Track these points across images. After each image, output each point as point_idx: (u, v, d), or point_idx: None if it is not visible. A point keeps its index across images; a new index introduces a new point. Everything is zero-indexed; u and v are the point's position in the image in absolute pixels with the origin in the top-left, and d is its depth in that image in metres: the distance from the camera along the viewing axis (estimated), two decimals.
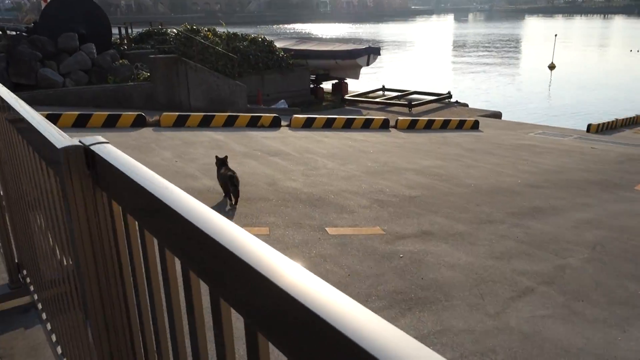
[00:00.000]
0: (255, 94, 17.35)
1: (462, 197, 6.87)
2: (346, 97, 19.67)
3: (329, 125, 11.72)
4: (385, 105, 18.59)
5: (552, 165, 9.44)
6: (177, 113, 10.40)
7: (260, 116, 11.03)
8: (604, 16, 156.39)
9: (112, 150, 1.15)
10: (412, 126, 12.75)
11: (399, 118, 12.87)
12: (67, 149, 1.18)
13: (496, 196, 6.98)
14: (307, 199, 6.24)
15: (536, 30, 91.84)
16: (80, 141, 1.21)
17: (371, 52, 19.78)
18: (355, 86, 22.47)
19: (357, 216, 5.78)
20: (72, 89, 13.48)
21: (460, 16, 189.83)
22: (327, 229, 5.31)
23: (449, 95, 19.29)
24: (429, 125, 12.98)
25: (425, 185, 7.24)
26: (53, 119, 9.17)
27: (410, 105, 17.58)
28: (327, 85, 21.39)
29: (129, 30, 17.16)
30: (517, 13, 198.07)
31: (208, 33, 18.44)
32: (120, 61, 14.91)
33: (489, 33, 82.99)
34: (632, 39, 65.56)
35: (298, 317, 0.54)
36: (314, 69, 20.26)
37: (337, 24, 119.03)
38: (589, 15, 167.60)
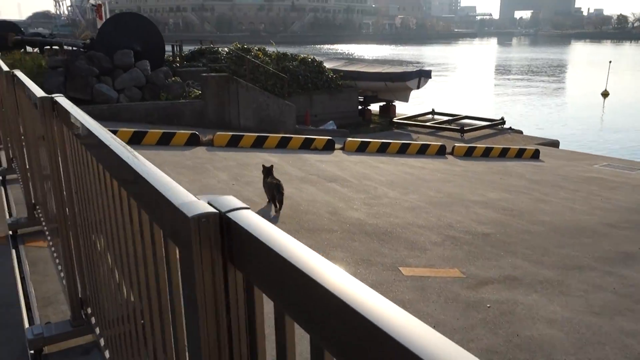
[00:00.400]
0: (303, 114, 17.16)
1: (540, 236, 6.32)
2: (395, 120, 19.25)
3: (383, 149, 11.32)
4: (435, 130, 18.08)
5: (628, 202, 8.75)
6: (231, 133, 10.21)
7: (314, 138, 10.73)
8: None
9: (253, 219, 0.88)
10: (469, 153, 12.21)
11: (456, 145, 12.37)
12: (199, 218, 0.90)
13: (577, 237, 6.40)
14: (373, 231, 5.82)
15: (584, 56, 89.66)
16: (210, 203, 0.94)
17: (422, 75, 19.36)
18: (403, 109, 22.05)
19: (430, 254, 5.32)
20: (126, 104, 13.54)
21: (504, 40, 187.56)
22: (400, 268, 4.87)
23: (503, 121, 18.63)
24: (486, 153, 12.41)
25: (496, 221, 6.72)
26: None
27: (462, 130, 17.02)
28: (374, 107, 21.06)
29: (181, 48, 17.30)
30: (562, 38, 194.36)
31: (259, 52, 18.44)
32: (173, 78, 14.97)
33: (536, 58, 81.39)
34: None
35: None
36: (362, 90, 19.98)
37: (379, 46, 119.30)
38: (639, 41, 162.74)
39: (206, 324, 0.95)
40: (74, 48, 16.67)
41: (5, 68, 4.72)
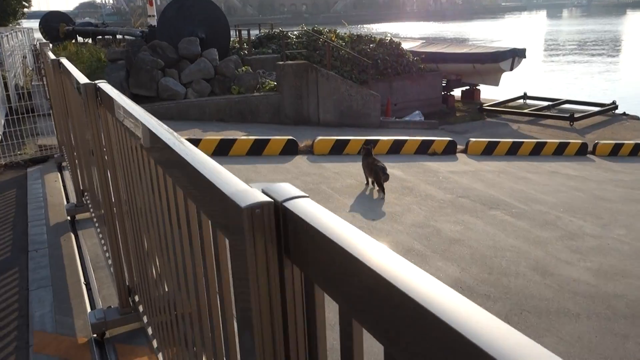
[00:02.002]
0: (383, 104, 15.14)
1: None
2: (484, 106, 16.95)
3: (514, 151, 9.22)
4: (536, 118, 15.71)
5: None
6: (334, 138, 8.33)
7: (432, 140, 8.74)
8: None
9: (313, 209, 0.77)
10: (615, 151, 9.88)
11: (600, 142, 10.09)
12: (253, 208, 0.81)
13: None
14: (628, 310, 3.82)
15: None
16: (264, 191, 0.85)
17: (516, 54, 16.96)
18: (487, 93, 19.69)
19: None
20: (195, 100, 11.87)
21: (555, 12, 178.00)
22: None
23: (615, 106, 16.06)
24: (636, 151, 10.09)
25: None
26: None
27: (572, 118, 14.62)
28: (455, 92, 18.81)
29: (249, 33, 15.44)
30: (618, 7, 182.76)
31: (332, 35, 16.45)
32: (243, 68, 13.19)
33: (602, 30, 75.70)
34: None
35: None
36: (445, 74, 17.76)
37: (424, 23, 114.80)
38: None
39: (261, 325, 0.86)
40: (133, 37, 15.12)
41: (52, 56, 4.56)
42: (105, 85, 2.29)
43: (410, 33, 73.95)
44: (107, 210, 2.70)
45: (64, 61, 3.95)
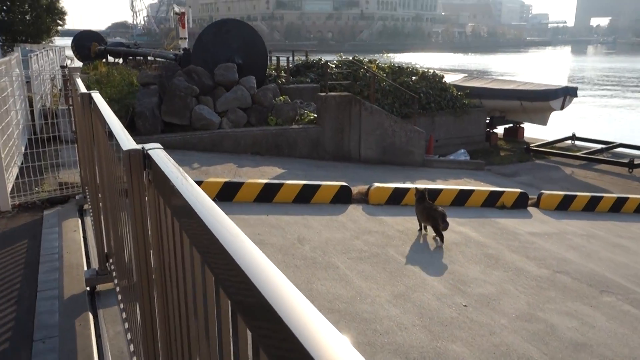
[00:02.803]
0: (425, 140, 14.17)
1: None
2: (532, 147, 15.86)
3: (591, 207, 8.12)
4: (588, 162, 14.56)
5: None
6: (392, 186, 7.31)
7: (501, 192, 7.67)
8: None
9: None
10: None
11: None
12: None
13: None
14: None
15: None
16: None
17: (568, 93, 15.91)
18: (531, 132, 18.61)
19: None
20: (230, 131, 11.02)
21: (580, 49, 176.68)
22: None
23: None
24: None
25: None
26: (231, 190, 6.47)
27: (632, 165, 13.45)
28: (497, 130, 17.77)
29: (288, 61, 14.64)
30: None
31: (372, 65, 15.62)
32: (281, 98, 12.35)
33: (633, 67, 74.30)
34: None
35: None
36: (489, 110, 16.77)
37: (449, 54, 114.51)
38: None
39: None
40: (167, 60, 14.46)
41: (83, 88, 4.07)
42: (158, 153, 1.66)
43: (436, 64, 73.37)
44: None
45: (96, 97, 3.33)
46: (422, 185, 7.43)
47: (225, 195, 6.46)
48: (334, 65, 15.48)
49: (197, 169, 8.96)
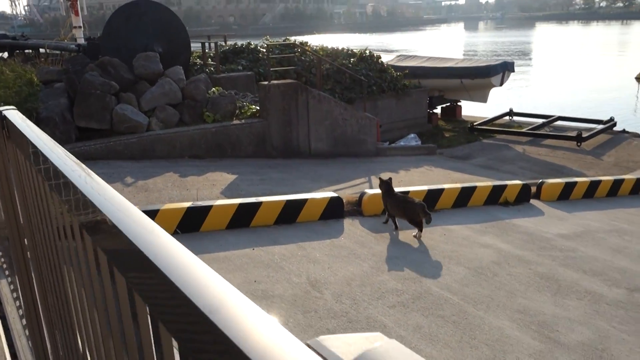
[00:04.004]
0: None
1: None
2: (475, 125, 15.37)
3: (590, 193, 7.42)
4: (536, 138, 14.28)
5: None
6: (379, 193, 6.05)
7: (504, 186, 6.71)
8: (622, 22, 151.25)
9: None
10: None
11: None
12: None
13: None
14: None
15: (560, 38, 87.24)
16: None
17: (507, 68, 15.56)
18: (468, 110, 18.25)
19: None
20: (162, 133, 9.27)
21: (471, 25, 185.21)
22: None
23: (614, 122, 14.95)
24: None
25: None
26: (196, 218, 4.93)
27: (580, 138, 13.26)
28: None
29: (217, 47, 12.79)
30: (530, 20, 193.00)
31: (306, 47, 14.27)
32: (215, 89, 10.70)
33: (516, 41, 78.28)
34: None
35: None
36: (429, 90, 16.08)
37: (352, 34, 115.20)
38: (606, 21, 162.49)
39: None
40: (70, 53, 12.19)
41: None
42: (13, 114, 1.92)
43: (343, 45, 72.94)
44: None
45: None
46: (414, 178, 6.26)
47: (190, 224, 4.93)
48: (264, 50, 13.93)
49: (133, 185, 7.22)
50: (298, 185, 8.17)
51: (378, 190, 5.92)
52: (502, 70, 15.35)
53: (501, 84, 15.73)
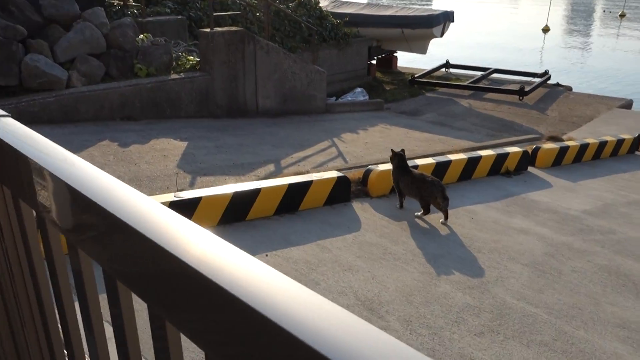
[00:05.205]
0: None
1: None
2: (416, 78, 14.81)
3: (579, 157, 7.03)
4: (477, 91, 14.02)
5: None
6: (390, 167, 5.17)
7: (506, 154, 6.07)
8: None
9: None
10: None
11: None
12: None
13: None
14: None
15: None
16: None
17: (448, 18, 14.99)
18: (402, 61, 17.65)
19: None
20: (86, 90, 7.65)
21: None
22: None
23: (548, 76, 15.01)
24: None
25: None
26: (183, 214, 3.79)
27: (522, 92, 13.15)
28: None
29: None
30: None
31: None
32: (143, 36, 9.06)
33: None
34: None
35: None
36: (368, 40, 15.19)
37: None
38: None
39: None
40: None
41: None
42: None
43: None
44: None
45: None
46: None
47: None
48: None
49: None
50: (261, 154, 7.08)
51: (385, 167, 5.01)
52: (443, 20, 14.77)
53: (442, 35, 15.18)
